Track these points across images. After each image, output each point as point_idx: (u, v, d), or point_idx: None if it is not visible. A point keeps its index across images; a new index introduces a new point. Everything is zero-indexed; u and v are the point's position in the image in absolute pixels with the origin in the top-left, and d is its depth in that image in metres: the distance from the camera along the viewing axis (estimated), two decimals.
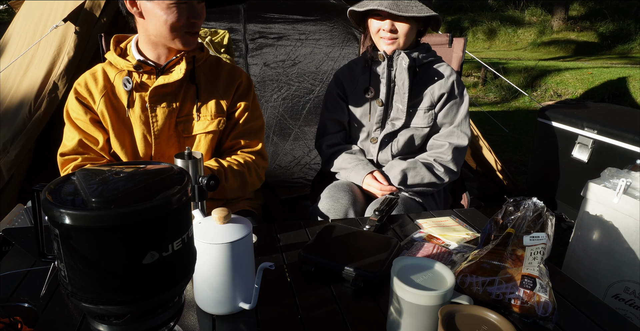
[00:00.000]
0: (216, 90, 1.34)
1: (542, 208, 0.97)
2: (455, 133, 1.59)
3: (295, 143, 2.82)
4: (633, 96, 5.64)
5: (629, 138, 2.19)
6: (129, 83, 1.26)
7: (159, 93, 1.27)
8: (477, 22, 12.13)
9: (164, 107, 1.28)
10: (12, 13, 3.20)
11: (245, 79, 1.40)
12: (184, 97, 1.31)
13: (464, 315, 0.67)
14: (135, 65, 1.25)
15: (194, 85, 1.31)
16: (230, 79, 1.37)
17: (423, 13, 1.43)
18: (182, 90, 1.30)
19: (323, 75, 2.79)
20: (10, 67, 2.28)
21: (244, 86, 1.38)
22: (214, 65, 1.37)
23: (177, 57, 1.27)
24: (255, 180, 1.37)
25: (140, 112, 1.28)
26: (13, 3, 2.95)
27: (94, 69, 1.32)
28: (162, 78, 1.26)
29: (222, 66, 1.39)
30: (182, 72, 1.26)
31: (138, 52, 1.29)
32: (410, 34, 1.51)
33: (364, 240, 1.06)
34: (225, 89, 1.35)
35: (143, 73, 1.27)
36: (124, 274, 0.52)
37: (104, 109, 1.27)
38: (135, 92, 1.28)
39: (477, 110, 5.41)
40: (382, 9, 1.44)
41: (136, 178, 0.54)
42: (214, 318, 0.82)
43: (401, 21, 1.48)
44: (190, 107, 1.32)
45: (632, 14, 10.29)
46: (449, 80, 1.58)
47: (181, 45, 1.24)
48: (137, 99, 1.28)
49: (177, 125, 1.31)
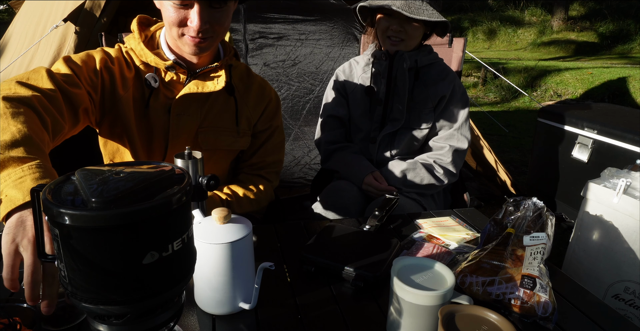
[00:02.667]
0: (245, 104, 1.23)
1: (542, 208, 0.97)
2: (455, 136, 1.59)
3: (295, 143, 2.82)
4: (633, 96, 5.64)
5: (629, 138, 2.19)
6: (155, 81, 1.11)
7: (188, 97, 1.13)
8: (477, 22, 12.13)
9: (188, 114, 1.14)
10: (12, 13, 3.21)
11: (274, 97, 1.30)
12: (213, 103, 1.17)
13: (464, 315, 0.67)
14: (169, 66, 1.10)
15: (231, 97, 1.20)
16: (261, 95, 1.26)
17: (434, 18, 1.43)
18: (210, 98, 1.17)
19: (323, 75, 2.79)
20: (11, 67, 2.29)
21: (273, 105, 1.29)
22: (244, 75, 1.25)
23: (216, 65, 1.14)
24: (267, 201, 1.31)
25: (161, 113, 1.13)
26: (13, 3, 2.95)
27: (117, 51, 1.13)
28: (195, 84, 1.12)
29: (253, 78, 1.27)
30: (222, 84, 1.12)
31: (169, 50, 1.13)
32: (417, 37, 1.52)
33: (364, 240, 1.06)
34: (255, 105, 1.25)
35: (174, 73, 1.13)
36: (124, 274, 0.52)
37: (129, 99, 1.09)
38: (159, 90, 1.12)
39: (477, 110, 5.41)
40: (394, 8, 1.43)
41: (136, 178, 0.54)
42: (214, 318, 0.82)
43: (411, 22, 1.48)
44: (216, 115, 1.19)
45: (632, 14, 10.30)
46: (449, 82, 1.58)
47: (187, 48, 1.08)
48: (160, 99, 1.13)
49: (198, 135, 1.18)
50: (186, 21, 1.03)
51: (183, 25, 1.04)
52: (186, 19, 1.03)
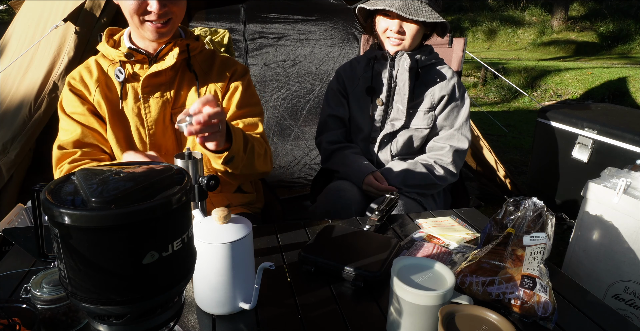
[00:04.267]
0: (210, 79, 1.31)
1: (542, 208, 0.97)
2: (455, 136, 1.59)
3: (295, 143, 2.82)
4: (633, 96, 5.64)
5: (629, 138, 2.19)
6: (121, 74, 1.22)
7: (152, 83, 1.23)
8: (477, 22, 12.13)
9: (158, 97, 1.24)
10: (12, 13, 3.21)
11: (241, 67, 1.36)
12: (179, 86, 1.27)
13: (464, 315, 0.67)
14: (126, 53, 1.21)
15: (192, 74, 1.27)
16: (224, 67, 1.33)
17: (432, 19, 1.44)
18: (176, 79, 1.26)
19: (323, 75, 2.79)
20: (10, 67, 2.28)
21: (238, 72, 1.35)
22: (208, 57, 1.34)
23: (170, 44, 1.22)
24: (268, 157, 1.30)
25: (133, 103, 1.24)
26: (13, 3, 2.95)
27: (87, 62, 1.28)
28: (155, 66, 1.22)
29: (216, 57, 1.35)
30: (175, 57, 1.21)
31: (130, 43, 1.25)
32: (416, 37, 1.52)
33: (364, 240, 1.06)
34: (218, 77, 1.32)
35: (135, 63, 1.23)
36: (124, 274, 0.52)
37: (100, 100, 1.23)
38: (128, 83, 1.24)
39: (477, 110, 5.41)
40: (392, 10, 1.44)
41: (136, 178, 0.54)
42: (214, 318, 0.82)
43: (410, 23, 1.48)
44: (185, 97, 1.28)
45: (632, 14, 10.30)
46: (450, 82, 1.58)
47: (149, 34, 1.17)
48: (130, 90, 1.24)
49: (173, 116, 1.27)
50: (145, 7, 1.13)
51: (143, 13, 1.14)
52: (145, 4, 1.13)
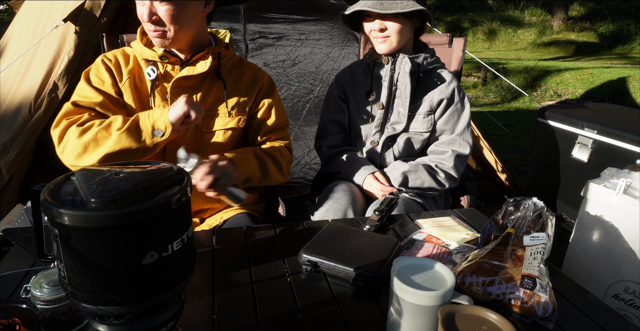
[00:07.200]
0: (238, 90, 1.37)
1: (542, 208, 0.97)
2: (457, 141, 1.59)
3: (295, 144, 2.82)
4: (633, 96, 5.64)
5: (629, 138, 2.19)
6: (154, 72, 1.27)
7: (181, 85, 1.28)
8: (477, 22, 12.12)
9: None
10: (12, 13, 3.21)
11: (267, 81, 1.43)
12: (206, 91, 1.32)
13: (464, 315, 0.67)
14: (160, 55, 1.26)
15: (220, 81, 1.33)
16: (253, 79, 1.40)
17: (408, 8, 1.42)
18: (204, 85, 1.32)
19: (323, 75, 2.79)
20: (11, 67, 2.28)
21: (266, 87, 1.41)
22: (237, 64, 1.40)
23: (204, 52, 1.28)
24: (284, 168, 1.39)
25: (160, 101, 1.29)
26: (13, 3, 2.95)
27: (124, 50, 1.33)
28: (187, 70, 1.27)
29: (245, 66, 1.41)
30: (207, 66, 1.27)
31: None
32: (403, 33, 1.50)
33: (364, 240, 1.06)
34: (247, 89, 1.38)
35: (168, 63, 1.29)
36: (124, 274, 0.52)
37: (128, 89, 1.27)
38: (158, 81, 1.29)
39: (477, 110, 5.41)
40: (365, 9, 1.45)
41: (136, 178, 0.54)
42: (214, 318, 0.82)
43: (390, 20, 1.47)
44: (211, 103, 1.33)
45: (632, 14, 10.29)
46: (449, 86, 1.57)
47: (152, 39, 1.23)
48: (159, 89, 1.29)
49: None
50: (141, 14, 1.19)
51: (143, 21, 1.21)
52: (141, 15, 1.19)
